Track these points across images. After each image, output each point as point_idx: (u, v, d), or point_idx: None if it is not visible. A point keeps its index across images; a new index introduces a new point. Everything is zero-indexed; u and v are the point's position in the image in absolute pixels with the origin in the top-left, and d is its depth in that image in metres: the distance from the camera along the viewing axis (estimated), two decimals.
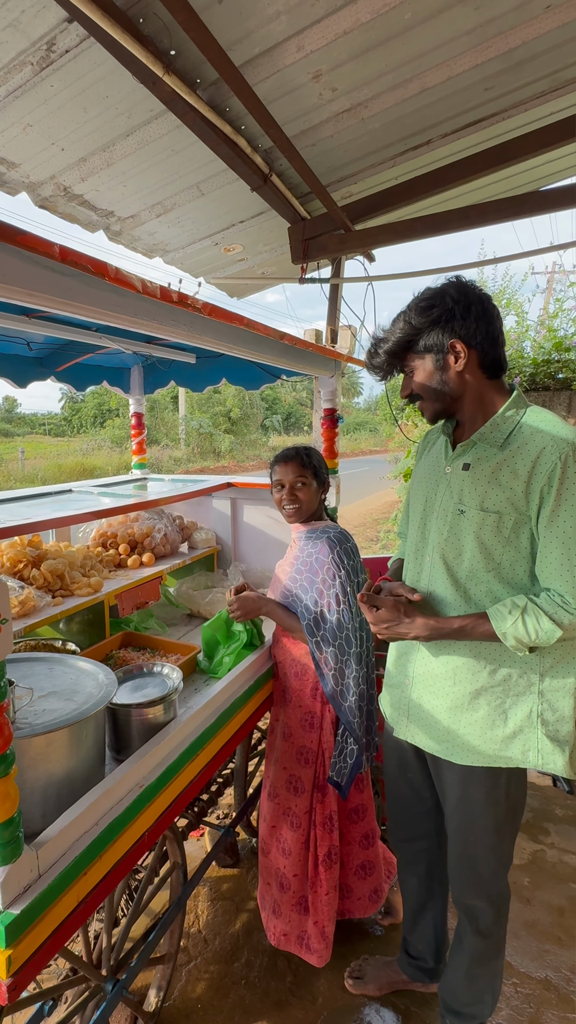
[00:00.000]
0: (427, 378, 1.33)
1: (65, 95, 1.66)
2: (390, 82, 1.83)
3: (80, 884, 1.18)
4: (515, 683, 1.34)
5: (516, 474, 1.25)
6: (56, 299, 1.08)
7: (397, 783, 1.71)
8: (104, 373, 2.94)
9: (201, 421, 23.77)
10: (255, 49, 1.60)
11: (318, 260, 2.61)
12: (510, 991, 1.98)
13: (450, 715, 1.42)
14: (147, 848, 1.40)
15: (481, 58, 1.81)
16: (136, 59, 1.43)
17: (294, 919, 1.93)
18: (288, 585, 1.90)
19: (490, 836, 1.46)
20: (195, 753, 1.58)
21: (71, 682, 1.50)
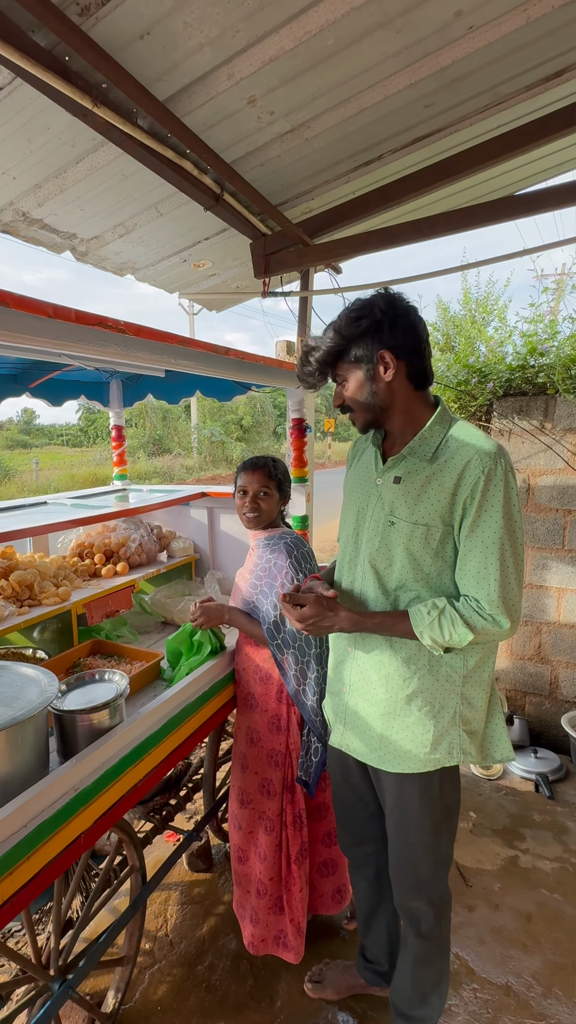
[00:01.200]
0: (357, 388, 1.35)
1: (7, 129, 1.73)
2: (326, 103, 1.88)
3: (5, 884, 1.21)
4: (441, 687, 1.39)
5: (443, 487, 1.29)
6: None
7: (341, 788, 1.73)
8: (82, 388, 3.01)
9: (213, 429, 23.95)
10: (185, 79, 1.66)
11: (280, 274, 2.65)
12: (469, 996, 1.98)
13: (383, 722, 1.44)
14: (84, 849, 1.44)
15: (415, 77, 1.84)
16: (64, 94, 1.50)
17: (271, 921, 1.95)
18: (248, 592, 1.94)
19: (427, 836, 1.48)
20: (141, 757, 1.62)
21: (16, 689, 1.55)
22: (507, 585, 1.28)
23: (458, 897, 2.37)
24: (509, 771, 3.21)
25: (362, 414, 1.39)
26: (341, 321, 1.33)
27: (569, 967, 2.09)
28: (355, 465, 1.57)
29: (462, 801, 2.93)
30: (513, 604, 1.30)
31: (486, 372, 3.40)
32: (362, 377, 1.34)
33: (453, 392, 3.50)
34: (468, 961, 2.11)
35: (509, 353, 3.63)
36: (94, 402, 3.13)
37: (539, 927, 2.26)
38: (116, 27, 1.43)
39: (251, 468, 1.94)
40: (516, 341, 3.77)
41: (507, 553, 1.27)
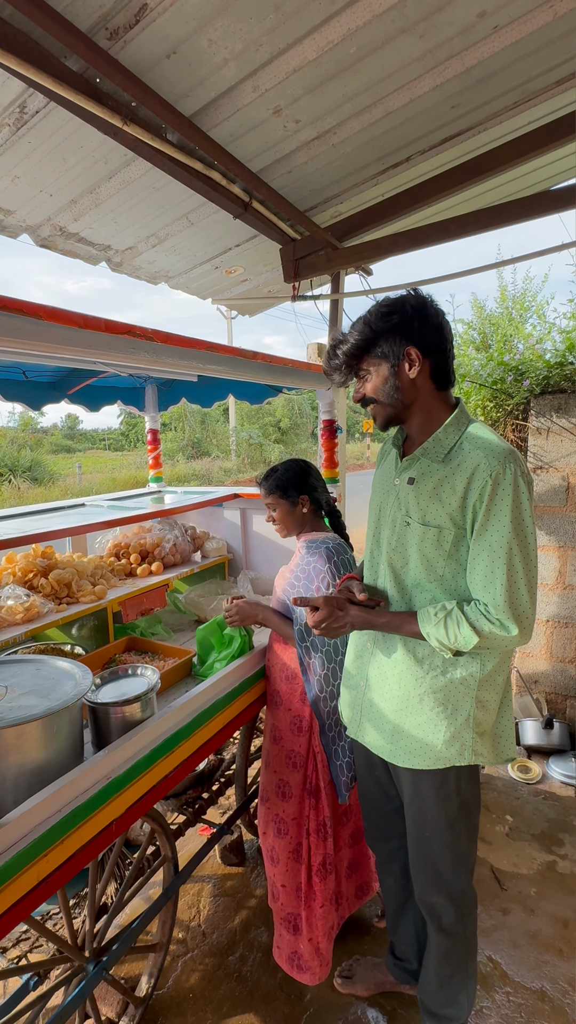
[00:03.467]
0: (381, 383, 1.36)
1: (43, 149, 1.82)
2: (352, 109, 1.90)
3: (40, 864, 1.28)
4: (456, 689, 1.39)
5: (454, 490, 1.30)
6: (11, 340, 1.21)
7: (365, 782, 1.76)
8: (118, 393, 3.11)
9: (251, 432, 24.16)
10: (211, 93, 1.71)
11: (309, 278, 2.69)
12: (501, 999, 1.96)
13: (396, 717, 1.47)
14: (116, 835, 1.50)
15: (440, 79, 1.84)
16: (95, 115, 1.57)
17: (285, 937, 1.93)
18: (286, 591, 1.95)
19: (443, 832, 1.49)
20: (171, 749, 1.67)
21: (53, 682, 1.63)
22: (515, 591, 1.27)
23: (492, 900, 2.34)
24: (548, 776, 3.15)
25: (383, 409, 1.40)
26: (371, 315, 1.33)
27: None
28: (381, 465, 1.61)
29: (498, 804, 2.91)
30: (522, 610, 1.28)
31: (523, 370, 3.34)
32: (387, 372, 1.35)
33: (488, 391, 3.46)
34: (502, 964, 2.08)
35: (548, 350, 3.55)
36: (130, 407, 3.23)
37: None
38: (143, 49, 1.50)
39: (258, 488, 1.98)
40: (555, 338, 3.69)
41: (515, 559, 1.26)
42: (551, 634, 3.44)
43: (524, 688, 3.53)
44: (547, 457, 3.35)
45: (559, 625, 3.41)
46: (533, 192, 2.55)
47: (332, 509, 2.10)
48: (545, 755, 3.32)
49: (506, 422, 3.51)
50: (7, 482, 15.41)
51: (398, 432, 1.50)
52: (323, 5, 1.46)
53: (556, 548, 3.36)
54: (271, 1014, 1.92)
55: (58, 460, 21.69)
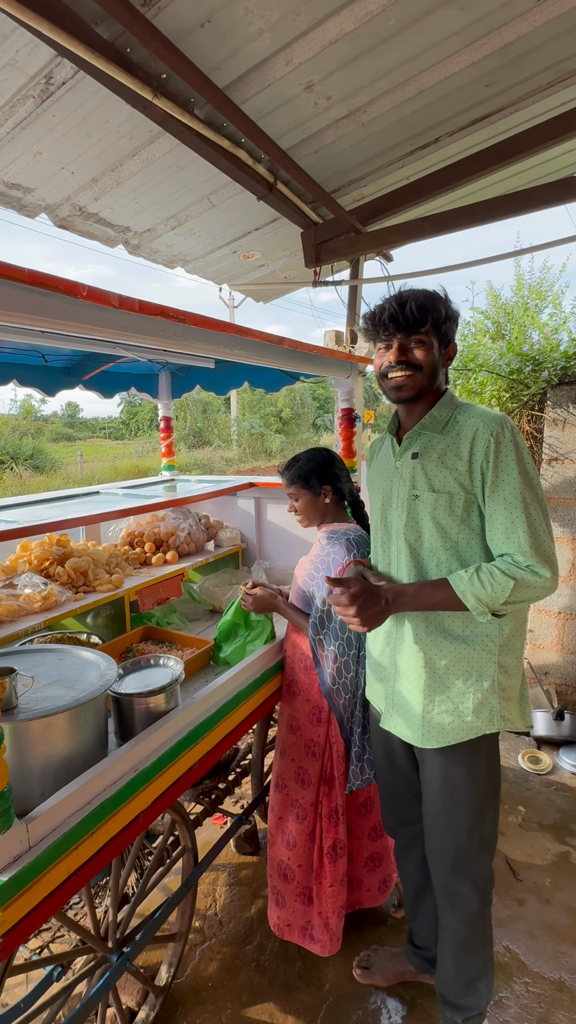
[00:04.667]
0: (431, 353, 1.41)
1: (68, 123, 1.75)
2: (384, 86, 1.83)
3: (71, 858, 1.25)
4: (479, 656, 1.42)
5: (459, 455, 1.37)
6: (37, 317, 1.16)
7: (385, 771, 1.75)
8: (132, 380, 3.05)
9: (252, 422, 24.03)
10: (243, 66, 1.64)
11: (331, 263, 2.62)
12: (520, 989, 1.95)
13: (425, 698, 1.48)
14: (142, 828, 1.47)
15: (477, 56, 1.77)
16: (125, 86, 1.50)
17: (298, 909, 1.95)
18: (305, 582, 1.92)
19: (473, 815, 1.50)
20: (196, 740, 1.64)
21: (76, 672, 1.59)
22: (536, 535, 1.31)
23: (507, 890, 2.33)
24: (559, 767, 3.14)
25: (423, 379, 1.42)
26: (445, 298, 1.41)
27: None
28: (374, 462, 1.67)
29: (510, 795, 2.90)
30: (547, 552, 1.33)
31: (540, 360, 3.29)
32: (437, 350, 1.41)
33: (505, 381, 3.40)
34: (519, 955, 2.07)
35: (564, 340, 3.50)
36: (143, 394, 3.17)
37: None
38: (177, 15, 1.43)
39: (280, 476, 1.94)
40: (572, 328, 3.63)
41: (531, 506, 1.32)
42: (563, 626, 3.42)
43: (535, 679, 3.50)
44: (563, 448, 3.30)
45: (571, 617, 3.38)
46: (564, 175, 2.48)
47: (355, 499, 2.06)
48: (555, 746, 3.31)
49: (521, 413, 3.46)
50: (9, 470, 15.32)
51: (393, 420, 1.58)
52: None
53: (570, 540, 3.32)
54: (291, 1003, 1.91)
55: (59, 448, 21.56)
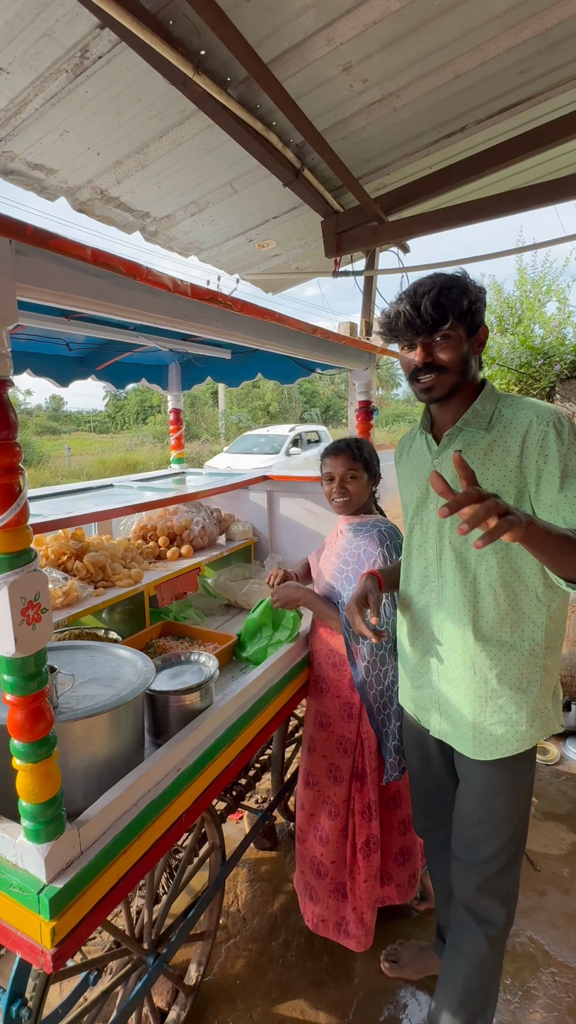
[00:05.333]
0: (459, 348, 1.29)
1: (99, 100, 1.68)
2: (421, 70, 1.78)
3: (120, 861, 1.21)
4: (527, 662, 1.35)
5: (508, 451, 1.27)
6: (90, 300, 1.10)
7: (420, 775, 1.69)
8: (143, 371, 2.98)
9: (240, 415, 23.89)
10: (284, 44, 1.58)
11: (351, 253, 2.57)
12: (547, 979, 1.95)
13: (475, 707, 1.40)
14: (184, 829, 1.43)
15: (515, 40, 1.73)
16: (166, 61, 1.44)
17: (332, 905, 1.93)
18: (334, 576, 1.87)
19: (511, 829, 1.43)
20: (231, 739, 1.60)
21: (111, 669, 1.54)
22: None
23: (527, 881, 2.33)
24: (567, 757, 3.16)
25: (452, 376, 1.31)
26: (467, 282, 1.27)
27: None
28: (405, 459, 1.57)
29: None
30: None
31: (550, 354, 3.27)
32: (464, 339, 1.29)
33: (514, 375, 3.39)
34: (544, 945, 2.07)
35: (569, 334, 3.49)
36: (154, 385, 3.10)
37: None
38: None
39: (335, 452, 1.87)
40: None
41: None
42: (570, 617, 3.43)
43: None
44: None
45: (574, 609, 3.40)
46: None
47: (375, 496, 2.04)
48: (561, 737, 3.33)
49: None
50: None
51: (424, 416, 1.46)
52: None
53: None
54: (321, 999, 1.89)
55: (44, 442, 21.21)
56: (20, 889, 1.08)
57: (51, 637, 1.05)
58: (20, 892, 1.08)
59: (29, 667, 1.01)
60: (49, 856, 1.06)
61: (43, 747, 1.04)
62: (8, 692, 1.02)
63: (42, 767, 1.05)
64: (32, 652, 1.00)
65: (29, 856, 1.08)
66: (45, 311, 1.69)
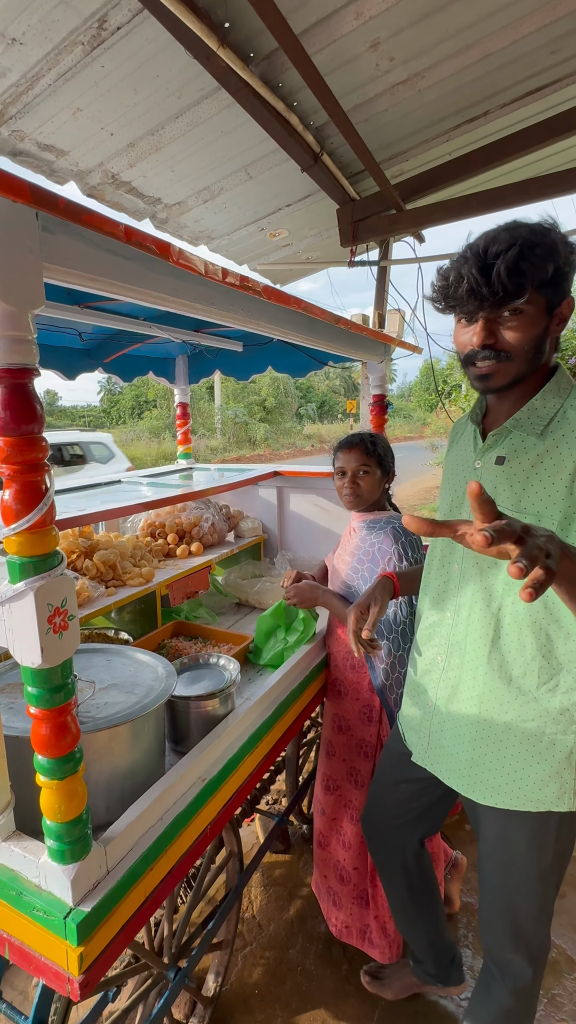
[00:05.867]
0: (533, 328, 1.02)
1: (115, 76, 1.58)
2: (450, 49, 1.70)
3: (147, 879, 1.14)
4: (554, 721, 1.12)
5: (560, 468, 1.02)
6: (117, 283, 1.02)
7: (385, 789, 1.54)
8: (150, 364, 2.90)
9: (236, 411, 23.78)
10: (312, 18, 1.50)
11: (367, 242, 2.49)
12: (572, 986, 1.91)
13: (472, 747, 1.21)
14: (210, 841, 1.36)
15: (549, 18, 1.66)
16: (190, 32, 1.35)
17: (355, 912, 1.88)
18: (349, 576, 1.82)
19: (532, 882, 1.23)
20: (254, 745, 1.54)
21: (130, 674, 1.47)
22: None
23: None
24: None
25: (518, 365, 1.05)
26: (555, 239, 0.97)
27: None
28: (454, 448, 1.33)
29: None
30: None
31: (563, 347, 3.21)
32: (542, 319, 1.02)
33: None
34: (566, 950, 2.02)
35: None
36: (161, 378, 3.01)
37: None
38: None
39: (348, 447, 1.80)
40: None
41: None
42: None
43: None
44: None
45: None
46: None
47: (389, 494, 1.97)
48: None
49: None
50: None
51: (477, 404, 1.22)
52: None
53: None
54: (342, 1008, 1.83)
55: None
56: (44, 913, 1.01)
57: (78, 644, 0.97)
58: (44, 916, 1.01)
59: (55, 678, 0.93)
60: (76, 878, 0.99)
61: (69, 763, 0.97)
62: (32, 705, 0.94)
63: (68, 784, 0.97)
64: (59, 662, 0.93)
65: (54, 878, 1.00)
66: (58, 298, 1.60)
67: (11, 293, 0.79)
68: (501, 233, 0.99)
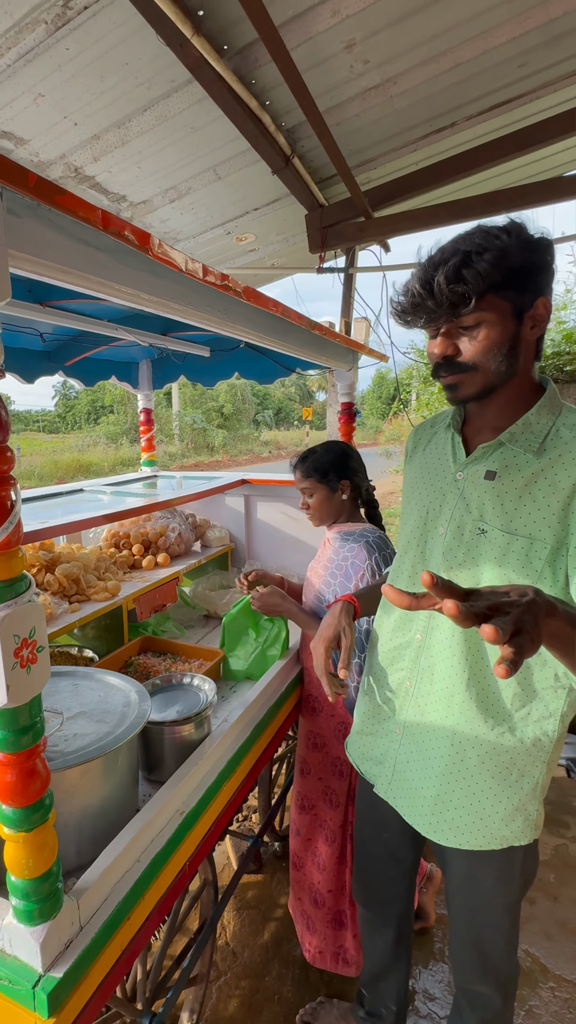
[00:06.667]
0: (497, 336, 0.95)
1: (81, 60, 1.47)
2: (424, 55, 1.67)
3: (123, 930, 1.03)
4: (527, 752, 1.07)
5: (556, 489, 0.96)
6: (89, 277, 0.92)
7: (370, 842, 1.44)
8: (113, 368, 2.76)
9: (194, 417, 23.47)
10: (288, 12, 1.43)
11: (336, 249, 2.44)
12: (547, 995, 1.88)
13: (440, 782, 1.13)
14: (189, 879, 1.26)
15: (519, 30, 1.65)
16: (164, 17, 1.26)
17: (329, 935, 1.80)
18: (321, 589, 1.75)
19: (501, 918, 1.19)
20: (233, 769, 1.44)
21: (99, 700, 1.35)
22: None
23: None
24: None
25: (483, 376, 0.99)
26: (510, 242, 0.91)
27: None
28: (420, 455, 1.24)
29: None
30: None
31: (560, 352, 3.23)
32: (510, 325, 0.95)
33: None
34: (540, 958, 2.00)
35: None
36: (124, 383, 2.88)
37: None
38: None
39: (292, 469, 1.75)
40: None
41: None
42: None
43: None
44: None
45: None
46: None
47: (370, 498, 1.90)
48: None
49: None
50: None
51: (456, 411, 1.14)
52: None
53: None
54: None
55: None
56: (9, 982, 0.88)
57: (47, 678, 0.86)
58: (9, 986, 0.88)
59: (22, 718, 0.82)
60: (45, 940, 0.87)
61: (38, 811, 0.85)
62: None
63: (37, 836, 0.85)
64: (27, 700, 0.81)
65: (20, 941, 0.88)
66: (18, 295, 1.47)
67: None
68: (450, 243, 0.95)
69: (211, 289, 1.15)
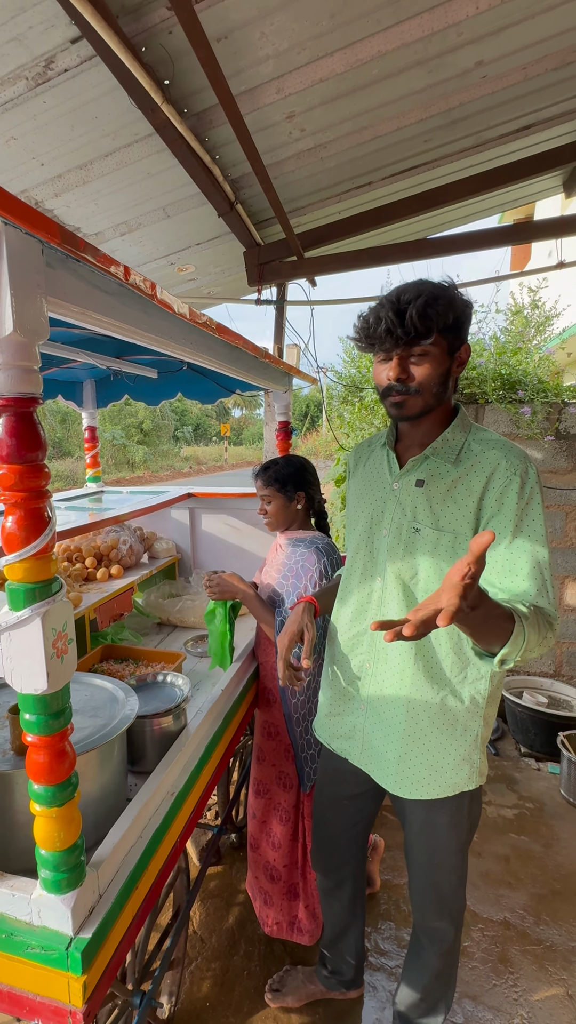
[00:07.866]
0: (437, 368, 1.13)
1: (55, 112, 1.55)
2: (350, 128, 1.91)
3: (134, 897, 1.12)
4: (467, 709, 1.23)
5: (470, 491, 1.15)
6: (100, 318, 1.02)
7: (329, 810, 1.57)
8: (59, 387, 2.76)
9: (114, 433, 22.79)
10: (241, 87, 1.61)
11: (271, 284, 2.63)
12: (478, 936, 2.09)
13: (401, 744, 1.28)
14: (181, 851, 1.35)
15: (425, 114, 1.93)
16: (138, 86, 1.39)
17: (285, 907, 1.91)
18: (275, 591, 1.85)
19: (453, 858, 1.35)
20: (210, 754, 1.56)
21: (87, 699, 1.42)
22: (552, 587, 1.13)
23: None
24: None
25: (425, 399, 1.15)
26: (454, 294, 1.11)
27: (549, 896, 2.28)
28: (361, 471, 1.40)
29: None
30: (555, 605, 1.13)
31: None
32: (446, 360, 1.13)
33: None
34: (470, 905, 2.22)
35: None
36: (69, 402, 2.88)
37: (516, 866, 2.44)
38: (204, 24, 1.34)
39: (254, 477, 1.86)
40: None
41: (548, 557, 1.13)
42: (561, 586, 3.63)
43: None
44: None
45: None
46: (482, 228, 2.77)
47: (321, 510, 2.06)
48: None
49: None
50: None
51: (391, 430, 1.31)
52: (368, 24, 1.45)
53: None
54: None
55: None
56: (42, 948, 0.95)
57: (74, 669, 0.94)
58: (42, 952, 0.95)
59: (56, 703, 0.90)
60: (75, 906, 0.95)
61: (67, 788, 0.94)
62: (32, 732, 0.90)
63: (66, 811, 0.94)
64: (61, 686, 0.90)
65: (51, 910, 0.95)
66: None
67: (24, 326, 0.78)
68: (410, 286, 1.13)
69: (191, 325, 1.28)
